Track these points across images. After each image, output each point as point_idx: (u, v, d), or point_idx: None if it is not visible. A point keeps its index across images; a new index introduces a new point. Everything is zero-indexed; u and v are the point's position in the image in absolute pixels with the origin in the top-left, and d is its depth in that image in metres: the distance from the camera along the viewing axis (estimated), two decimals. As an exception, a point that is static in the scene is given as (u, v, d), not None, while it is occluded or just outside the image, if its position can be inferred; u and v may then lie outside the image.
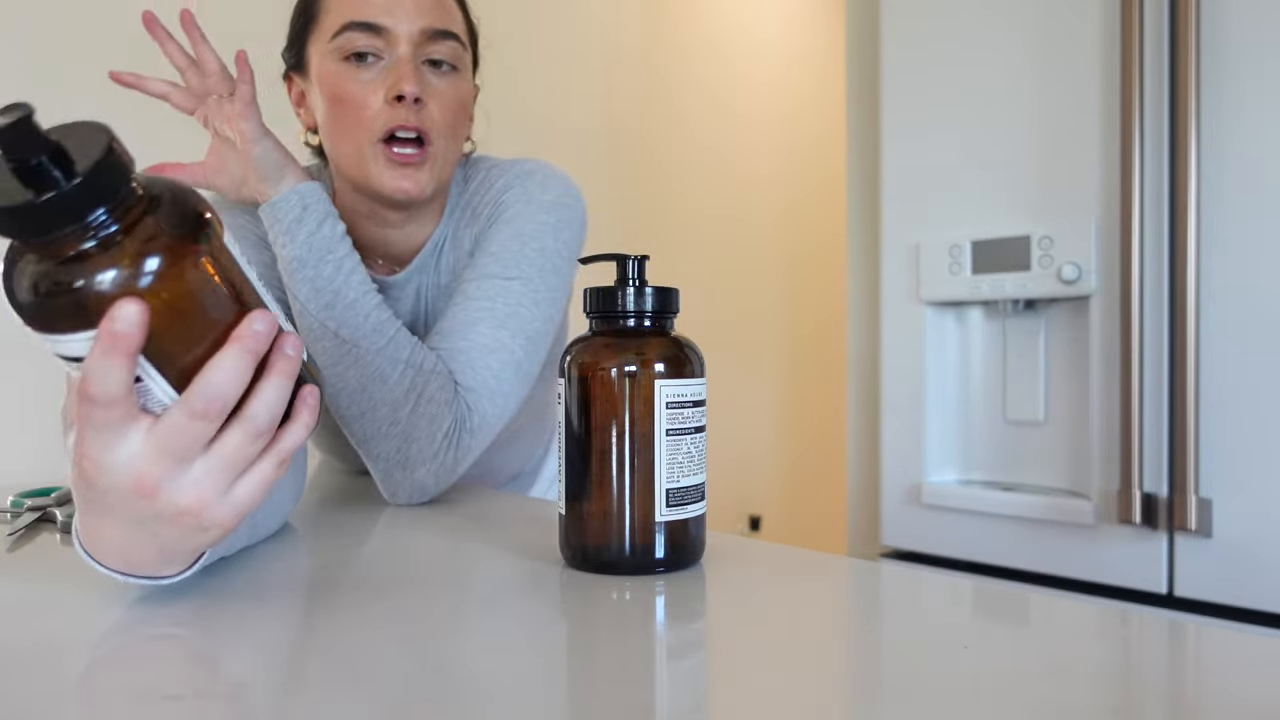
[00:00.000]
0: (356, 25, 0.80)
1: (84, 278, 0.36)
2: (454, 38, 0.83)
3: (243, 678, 0.37)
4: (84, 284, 0.36)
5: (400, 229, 0.89)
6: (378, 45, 0.81)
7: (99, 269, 0.37)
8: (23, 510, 0.71)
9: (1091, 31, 1.24)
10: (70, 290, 0.37)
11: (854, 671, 0.41)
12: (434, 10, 0.82)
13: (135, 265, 0.37)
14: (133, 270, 0.37)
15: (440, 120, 0.83)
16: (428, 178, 0.83)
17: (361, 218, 0.88)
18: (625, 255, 0.56)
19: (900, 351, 1.46)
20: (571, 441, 0.55)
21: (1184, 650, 0.43)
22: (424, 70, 0.82)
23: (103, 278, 0.37)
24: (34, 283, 0.37)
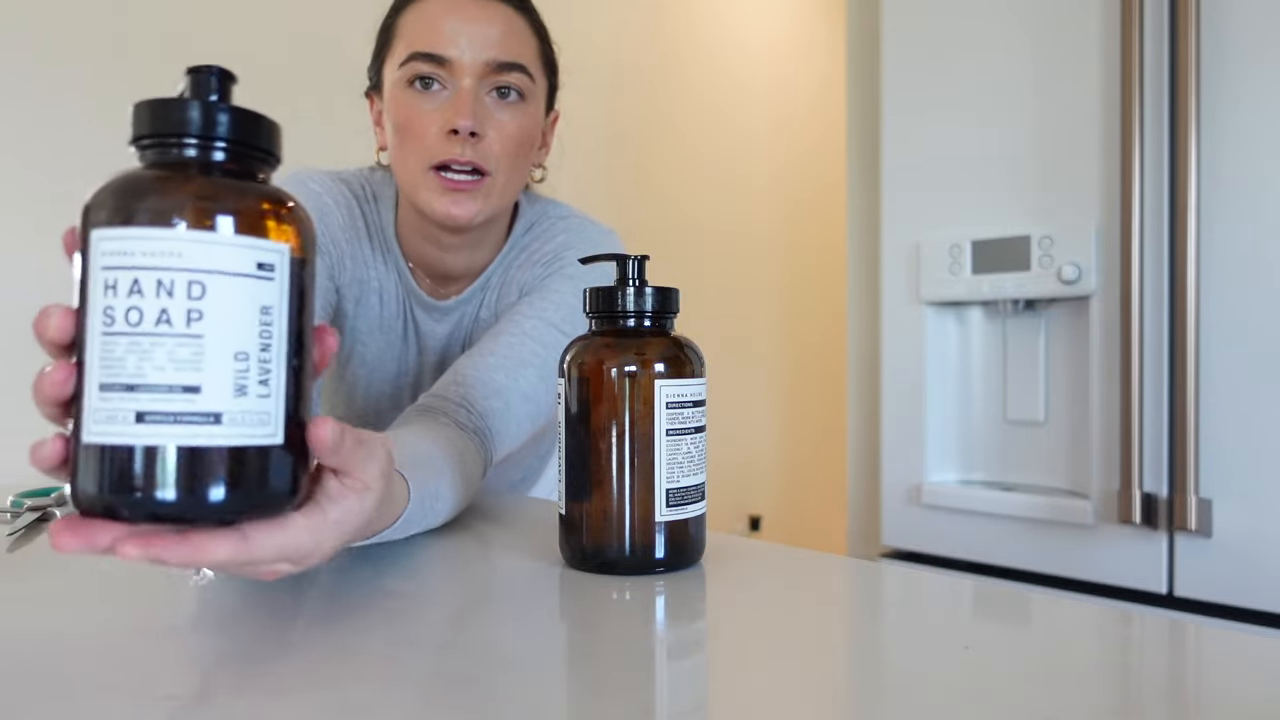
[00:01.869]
0: (422, 55, 0.81)
1: (178, 185, 0.37)
2: (520, 69, 0.83)
3: (242, 678, 0.37)
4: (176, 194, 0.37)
5: (456, 253, 0.90)
6: (441, 74, 0.81)
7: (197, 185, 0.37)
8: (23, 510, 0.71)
9: (1092, 32, 1.24)
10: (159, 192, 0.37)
11: (854, 671, 0.41)
12: (501, 42, 0.82)
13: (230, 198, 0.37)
14: (239, 192, 0.38)
15: (499, 153, 0.83)
16: (480, 206, 0.83)
17: (419, 236, 0.90)
18: (625, 255, 0.56)
19: (900, 351, 1.46)
20: (571, 442, 0.55)
21: (1184, 650, 0.43)
22: (487, 101, 0.83)
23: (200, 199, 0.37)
24: (130, 176, 0.37)
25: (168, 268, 0.35)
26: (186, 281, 0.35)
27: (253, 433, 0.36)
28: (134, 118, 0.38)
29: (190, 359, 0.35)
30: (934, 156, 1.41)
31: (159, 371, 0.35)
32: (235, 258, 0.36)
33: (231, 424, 0.36)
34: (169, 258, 0.35)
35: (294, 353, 0.38)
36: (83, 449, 0.35)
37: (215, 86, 0.39)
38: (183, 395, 0.35)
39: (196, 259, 0.35)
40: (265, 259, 0.37)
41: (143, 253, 0.35)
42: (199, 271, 0.35)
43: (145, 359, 0.35)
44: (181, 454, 0.35)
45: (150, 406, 0.34)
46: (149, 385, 0.35)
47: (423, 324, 0.95)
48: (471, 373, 0.77)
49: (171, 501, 0.35)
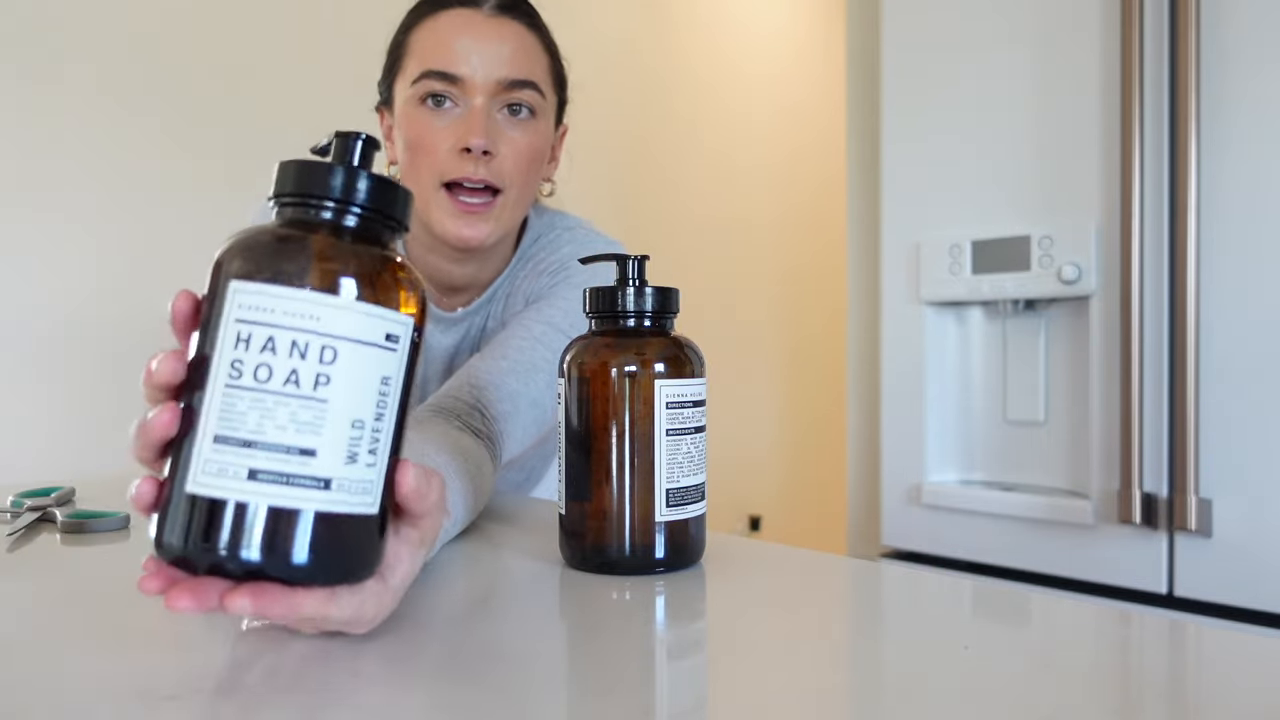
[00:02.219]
0: (434, 73, 0.81)
1: (334, 248, 0.37)
2: (532, 87, 0.84)
3: (242, 678, 0.37)
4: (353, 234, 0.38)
5: (464, 266, 0.90)
6: (454, 92, 0.82)
7: (347, 250, 0.38)
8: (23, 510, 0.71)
9: (1092, 32, 1.24)
10: (381, 267, 0.38)
11: (854, 671, 0.41)
12: (513, 60, 0.83)
13: (383, 261, 0.38)
14: (382, 263, 0.38)
15: (512, 170, 0.83)
16: (493, 227, 0.84)
17: (426, 250, 0.90)
18: (625, 255, 0.56)
19: (900, 351, 1.46)
20: (571, 441, 0.55)
21: (1184, 650, 0.43)
22: (499, 119, 0.83)
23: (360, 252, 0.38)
24: (281, 232, 0.37)
25: (304, 329, 0.35)
26: (320, 345, 0.35)
27: (356, 501, 0.36)
28: (279, 175, 0.38)
29: (311, 422, 0.35)
30: (934, 156, 1.41)
31: (279, 431, 0.35)
32: (368, 327, 0.36)
33: (339, 490, 0.36)
34: (307, 320, 0.35)
35: (400, 422, 0.39)
36: (184, 497, 0.35)
37: (359, 152, 0.40)
38: (299, 457, 0.35)
39: (333, 325, 0.36)
40: (393, 330, 0.37)
41: (283, 311, 0.35)
42: (333, 337, 0.36)
43: (267, 417, 0.35)
44: (287, 516, 0.35)
45: (265, 465, 0.34)
46: (267, 444, 0.35)
47: (430, 335, 0.95)
48: (485, 376, 0.77)
49: (270, 561, 0.35)
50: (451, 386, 0.77)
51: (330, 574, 0.37)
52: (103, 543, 0.63)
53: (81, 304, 1.54)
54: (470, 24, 0.83)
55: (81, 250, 1.54)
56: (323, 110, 1.80)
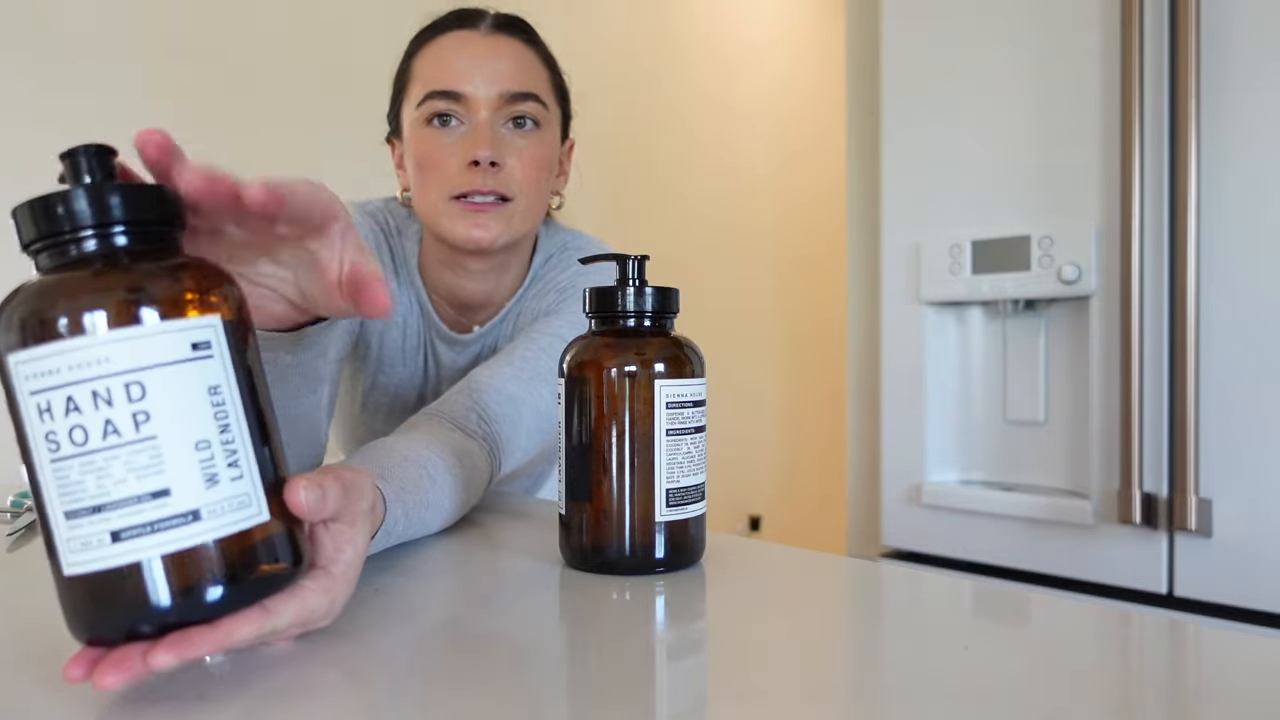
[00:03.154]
0: (438, 93, 0.84)
1: (87, 286, 0.34)
2: (534, 98, 0.86)
3: (242, 678, 0.37)
4: (99, 270, 0.35)
5: (479, 280, 0.91)
6: (458, 110, 0.84)
7: (108, 280, 0.35)
8: (23, 510, 0.71)
9: (1092, 32, 1.24)
10: (70, 298, 0.34)
11: (854, 671, 0.41)
12: (513, 74, 0.85)
13: (148, 285, 0.35)
14: (151, 277, 0.35)
15: (521, 179, 0.85)
16: (503, 228, 0.85)
17: (441, 265, 0.91)
18: (625, 255, 0.56)
19: (900, 351, 1.46)
20: (571, 441, 0.55)
21: (1184, 650, 0.43)
22: (505, 131, 0.85)
23: (116, 279, 0.35)
24: (27, 290, 0.35)
25: (98, 376, 0.32)
26: (123, 385, 0.33)
27: (236, 518, 0.34)
28: (17, 223, 0.35)
29: (150, 464, 0.33)
30: (934, 156, 1.41)
31: (121, 485, 0.32)
32: (165, 346, 0.33)
33: (212, 517, 0.34)
34: (97, 365, 0.32)
35: (257, 421, 0.36)
36: (66, 582, 0.33)
37: (94, 166, 0.35)
38: (153, 502, 0.33)
39: (126, 360, 0.33)
40: (198, 337, 0.34)
41: (68, 367, 0.32)
42: (131, 372, 0.33)
43: (104, 476, 0.32)
44: (169, 561, 0.33)
45: (123, 523, 0.32)
46: (115, 501, 0.32)
47: (443, 356, 0.96)
48: (485, 381, 0.78)
49: (181, 608, 0.33)
50: (451, 392, 0.78)
51: (248, 594, 0.35)
52: (103, 543, 0.63)
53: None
54: (468, 43, 0.85)
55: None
56: (325, 110, 1.80)
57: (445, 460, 0.64)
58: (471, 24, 0.87)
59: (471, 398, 0.76)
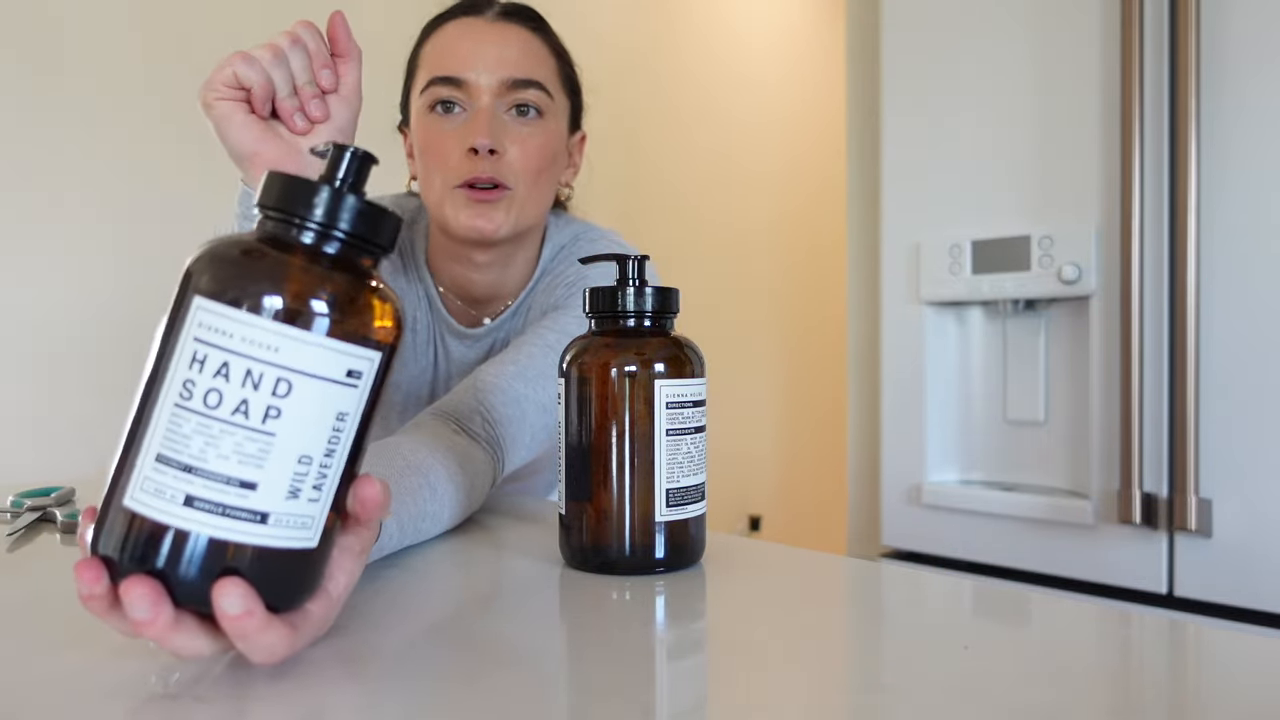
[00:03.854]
0: (440, 79, 0.84)
1: (295, 272, 0.35)
2: (537, 86, 0.85)
3: (242, 678, 0.37)
4: (317, 268, 0.35)
5: (485, 272, 0.91)
6: (460, 97, 0.84)
7: (315, 275, 0.35)
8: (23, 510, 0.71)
9: (1091, 32, 1.24)
10: (299, 268, 0.35)
11: (854, 671, 0.41)
12: (516, 61, 0.84)
13: (357, 291, 0.36)
14: (352, 292, 0.36)
15: (521, 167, 0.85)
16: (504, 217, 0.84)
17: (450, 259, 0.91)
18: (625, 255, 0.56)
19: (900, 351, 1.46)
20: (571, 441, 0.55)
21: (1184, 650, 0.43)
22: (507, 119, 0.85)
23: (331, 277, 0.36)
24: (252, 248, 0.35)
25: (261, 360, 0.34)
26: (275, 378, 0.34)
27: (292, 535, 0.35)
28: (264, 183, 0.36)
29: (255, 455, 0.34)
30: (934, 156, 1.41)
31: (222, 460, 0.33)
32: (330, 362, 0.35)
33: (276, 525, 0.35)
34: (266, 350, 0.34)
35: (353, 458, 0.37)
36: (120, 510, 0.34)
37: (355, 170, 0.38)
38: (238, 490, 0.34)
39: (291, 358, 0.34)
40: (356, 366, 0.36)
41: (241, 338, 0.34)
42: (290, 370, 0.34)
43: (211, 445, 0.33)
44: (217, 546, 0.34)
45: (203, 493, 0.33)
46: (207, 472, 0.33)
47: (454, 350, 0.96)
48: (491, 380, 0.77)
49: (197, 590, 0.34)
50: (457, 391, 0.77)
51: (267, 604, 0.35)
52: (103, 543, 0.63)
53: (83, 304, 1.54)
54: (473, 30, 0.85)
55: (83, 251, 1.54)
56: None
57: (448, 468, 0.64)
58: (478, 11, 0.87)
59: (477, 397, 0.76)
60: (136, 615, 0.33)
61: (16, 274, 1.48)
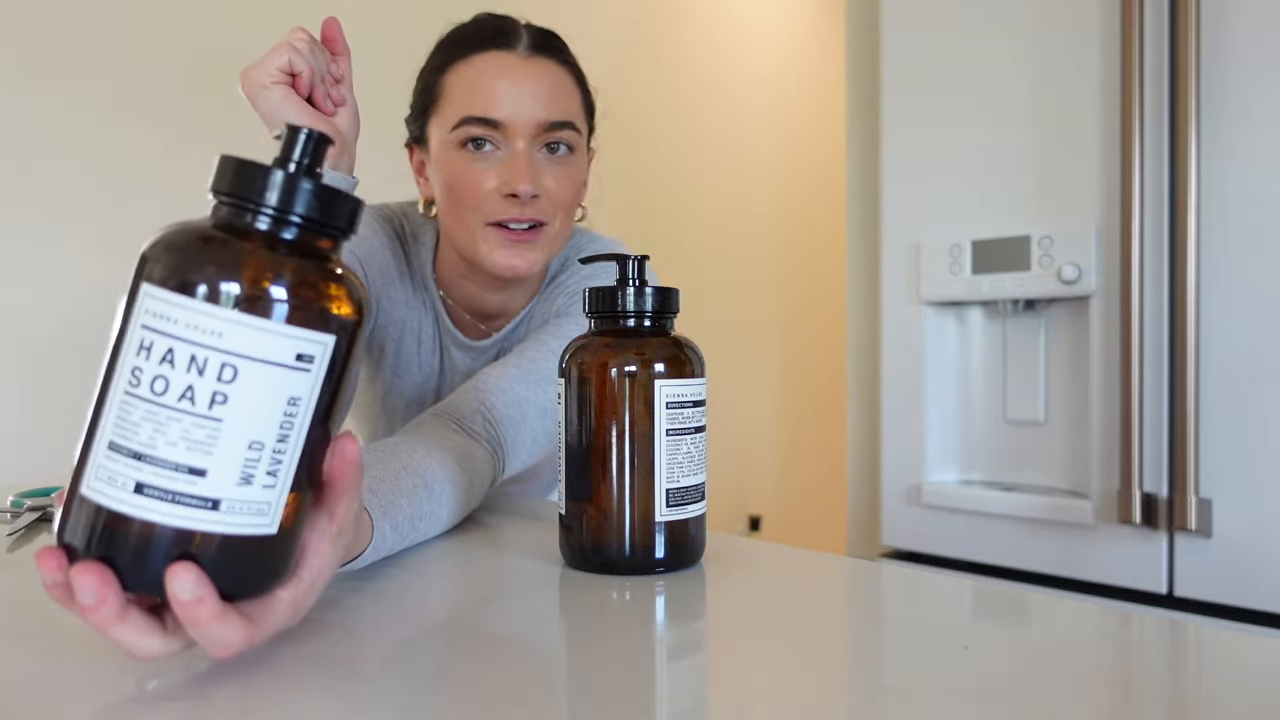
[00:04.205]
0: (475, 119, 0.82)
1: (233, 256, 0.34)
2: (570, 127, 0.85)
3: (242, 678, 0.37)
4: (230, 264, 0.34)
5: (500, 294, 0.92)
6: (495, 137, 0.83)
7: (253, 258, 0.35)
8: (23, 510, 0.71)
9: (1091, 32, 1.24)
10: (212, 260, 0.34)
11: (854, 671, 0.41)
12: (551, 103, 0.84)
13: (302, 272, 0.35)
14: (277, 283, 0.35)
15: (556, 203, 0.85)
16: (540, 255, 0.85)
17: (461, 277, 0.91)
18: (625, 255, 0.56)
19: (900, 351, 1.46)
20: (571, 441, 0.55)
21: (1184, 650, 0.43)
22: (540, 157, 0.84)
23: (250, 271, 0.34)
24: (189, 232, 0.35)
25: (205, 345, 0.33)
26: (220, 363, 0.34)
27: (248, 522, 0.35)
28: (221, 169, 0.36)
29: (203, 441, 0.33)
30: (934, 156, 1.41)
31: (170, 447, 0.33)
32: (277, 347, 0.34)
33: (229, 513, 0.34)
34: (209, 336, 0.33)
35: (313, 444, 0.37)
36: (78, 498, 0.34)
37: (310, 151, 0.37)
38: (186, 476, 0.33)
39: (236, 342, 0.34)
40: (306, 350, 0.35)
41: (185, 324, 0.33)
42: (235, 356, 0.34)
43: (159, 432, 0.33)
44: (168, 533, 0.33)
45: (152, 480, 0.33)
46: (155, 459, 0.33)
47: (459, 361, 0.96)
48: (493, 382, 0.77)
49: (149, 577, 0.34)
50: (458, 392, 0.78)
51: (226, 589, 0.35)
52: (103, 543, 0.63)
53: (82, 304, 1.54)
54: (507, 67, 0.84)
55: (82, 250, 1.54)
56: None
57: (445, 467, 0.64)
58: (509, 44, 0.85)
59: (478, 398, 0.76)
60: (82, 600, 0.33)
61: (16, 274, 1.48)
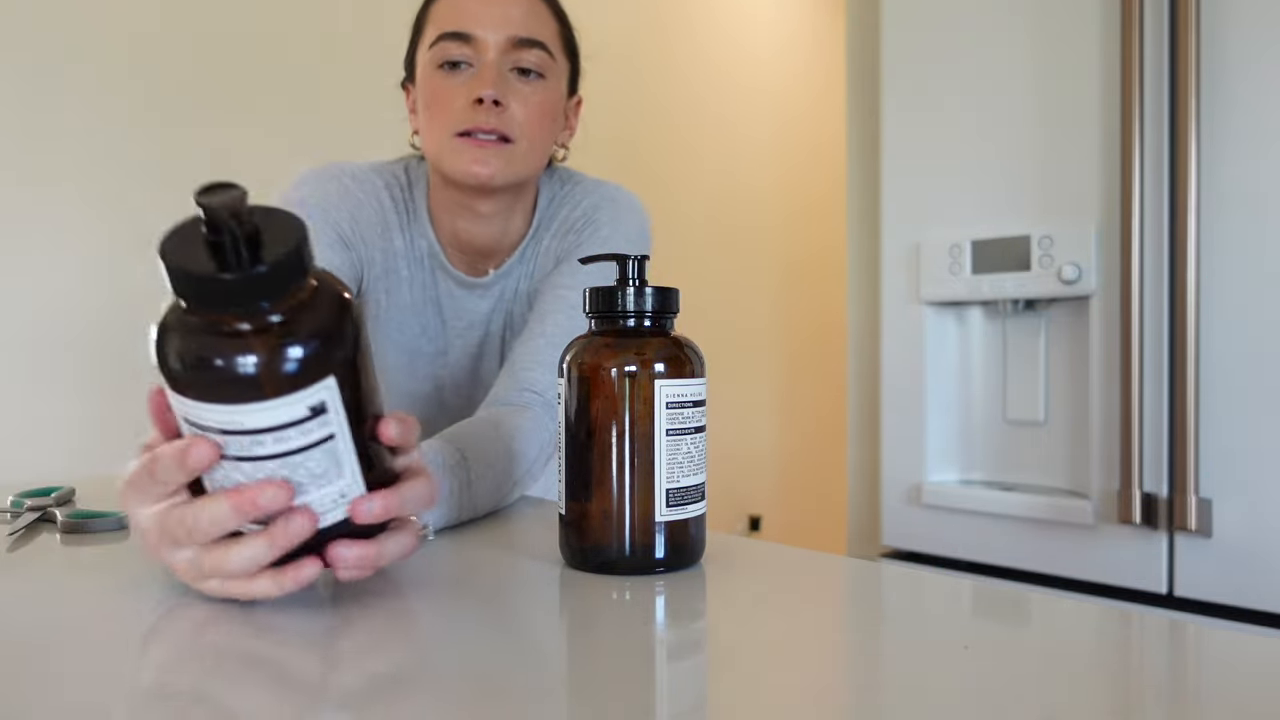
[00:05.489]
0: (448, 35, 0.86)
1: (225, 355, 0.39)
2: (541, 46, 0.88)
3: (242, 677, 0.37)
4: (223, 363, 0.39)
5: (487, 224, 0.94)
6: (468, 53, 0.86)
7: (241, 350, 0.39)
8: (23, 510, 0.71)
9: (1091, 31, 1.24)
10: (210, 365, 0.39)
11: (854, 671, 0.41)
12: (523, 20, 0.88)
13: (275, 355, 0.40)
14: (271, 359, 0.40)
15: (523, 122, 0.87)
16: (503, 165, 0.87)
17: (450, 212, 0.94)
18: (625, 255, 0.56)
19: (900, 351, 1.46)
20: (571, 441, 0.55)
21: (1184, 650, 0.43)
22: (510, 76, 0.88)
23: (243, 360, 0.39)
24: (183, 347, 0.40)
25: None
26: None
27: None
28: (172, 280, 0.39)
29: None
30: (934, 156, 1.41)
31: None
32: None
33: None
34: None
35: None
36: None
37: (240, 235, 0.38)
38: None
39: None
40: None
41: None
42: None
43: None
44: None
45: None
46: None
47: (462, 301, 0.98)
48: (526, 358, 0.83)
49: None
50: (498, 381, 0.84)
51: None
52: (102, 543, 0.63)
53: (82, 304, 1.54)
54: None
55: (83, 250, 1.54)
56: (325, 110, 1.80)
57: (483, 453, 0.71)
58: None
59: (516, 378, 0.81)
60: None
61: (17, 273, 1.48)
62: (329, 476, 0.43)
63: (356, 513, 0.44)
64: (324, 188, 0.91)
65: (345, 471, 0.44)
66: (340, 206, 0.91)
